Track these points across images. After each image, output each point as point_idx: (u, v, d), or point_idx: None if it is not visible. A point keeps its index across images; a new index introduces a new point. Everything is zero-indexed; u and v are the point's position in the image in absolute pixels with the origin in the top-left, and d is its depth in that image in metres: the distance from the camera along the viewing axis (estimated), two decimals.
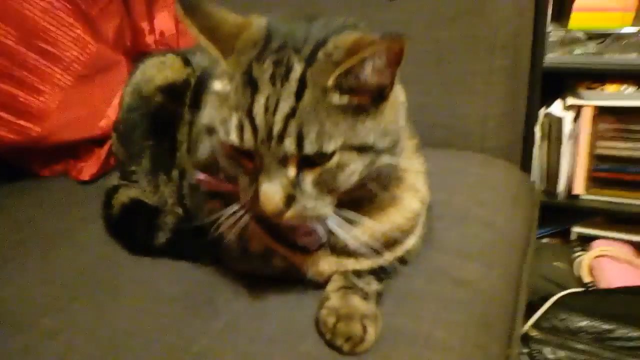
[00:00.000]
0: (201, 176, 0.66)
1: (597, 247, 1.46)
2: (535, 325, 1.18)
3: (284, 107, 0.49)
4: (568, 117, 1.39)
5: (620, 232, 1.51)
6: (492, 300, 0.68)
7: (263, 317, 0.62)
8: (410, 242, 0.66)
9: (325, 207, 0.53)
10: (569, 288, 1.36)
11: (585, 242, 1.54)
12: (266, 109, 0.49)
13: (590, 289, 1.36)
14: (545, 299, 1.25)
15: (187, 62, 0.87)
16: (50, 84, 1.05)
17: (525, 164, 1.39)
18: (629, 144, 1.39)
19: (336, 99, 0.49)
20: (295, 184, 0.51)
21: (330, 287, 0.61)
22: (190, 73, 0.85)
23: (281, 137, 0.48)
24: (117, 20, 1.19)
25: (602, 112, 1.37)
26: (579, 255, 1.49)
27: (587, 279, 1.42)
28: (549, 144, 1.45)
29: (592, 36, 1.32)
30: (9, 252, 0.82)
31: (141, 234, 0.80)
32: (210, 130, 0.54)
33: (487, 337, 0.63)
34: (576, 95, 1.38)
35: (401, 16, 1.09)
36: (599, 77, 1.38)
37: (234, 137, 0.50)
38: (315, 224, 0.56)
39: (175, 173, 0.82)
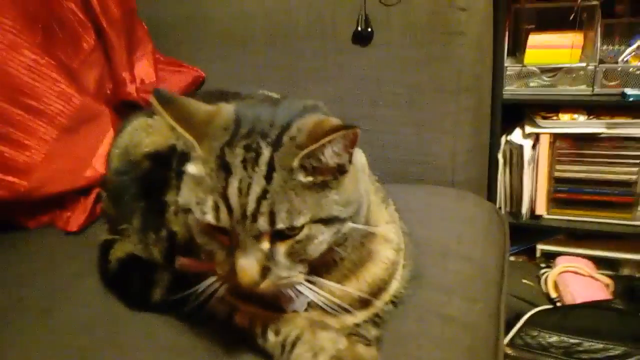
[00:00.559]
0: (182, 260, 0.71)
1: (561, 264, 1.57)
2: (510, 344, 1.26)
3: (256, 189, 0.53)
4: (527, 144, 1.50)
5: (580, 248, 1.62)
6: (477, 334, 0.75)
7: None
8: (394, 287, 0.72)
9: (297, 275, 0.58)
10: (538, 304, 1.45)
11: (550, 258, 1.64)
12: (239, 191, 0.53)
13: (557, 304, 1.46)
14: (517, 317, 1.33)
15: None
16: (35, 138, 1.07)
17: (491, 190, 1.49)
18: (584, 167, 1.50)
19: (302, 178, 0.55)
20: (269, 256, 0.56)
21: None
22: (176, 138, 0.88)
23: (254, 216, 0.53)
24: (98, 71, 1.22)
25: (558, 139, 1.48)
26: (545, 272, 1.59)
27: (553, 294, 1.52)
28: (511, 169, 1.56)
29: (545, 70, 1.44)
30: (8, 313, 0.83)
31: (137, 289, 0.82)
32: (187, 210, 0.59)
33: None
34: (534, 123, 1.49)
35: (374, 62, 1.17)
36: (553, 107, 1.49)
37: (210, 217, 0.55)
38: (289, 290, 0.60)
39: (164, 233, 0.85)
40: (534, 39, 1.44)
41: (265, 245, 0.55)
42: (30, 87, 1.06)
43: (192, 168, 0.58)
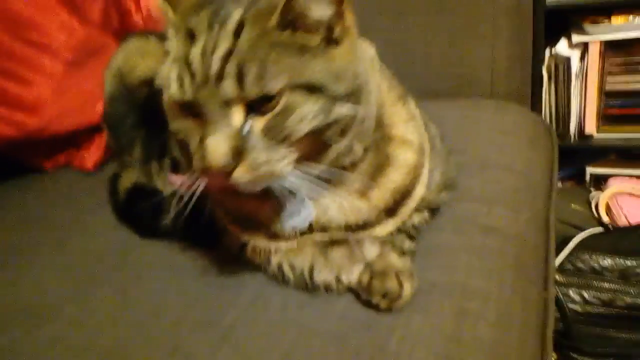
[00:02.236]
0: (173, 177, 0.61)
1: (613, 185, 1.44)
2: (558, 270, 1.16)
3: (222, 48, 0.46)
4: (575, 55, 1.35)
5: (634, 168, 1.48)
6: (524, 245, 0.67)
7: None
8: (419, 192, 0.62)
9: (280, 161, 0.48)
10: (587, 229, 1.35)
11: (600, 182, 1.52)
12: (203, 53, 0.46)
13: (610, 227, 1.34)
14: (564, 242, 1.23)
15: None
16: (40, 73, 1.01)
17: (535, 107, 1.36)
18: (638, 77, 1.35)
19: (278, 36, 0.46)
20: (243, 134, 0.47)
21: None
22: None
23: (219, 78, 0.45)
24: (101, 1, 1.14)
25: (609, 47, 1.32)
26: (595, 195, 1.47)
27: (605, 218, 1.40)
28: (557, 84, 1.42)
29: None
30: (21, 245, 0.80)
31: (147, 216, 0.77)
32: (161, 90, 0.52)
33: (524, 281, 0.61)
34: (582, 31, 1.34)
35: None
36: (604, 10, 1.33)
37: (174, 89, 0.48)
38: (273, 184, 0.50)
39: (167, 162, 0.79)
40: None
41: (237, 119, 0.47)
42: (30, 18, 0.99)
43: (167, 43, 0.51)
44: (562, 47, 1.37)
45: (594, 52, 1.34)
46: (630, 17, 1.29)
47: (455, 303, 0.55)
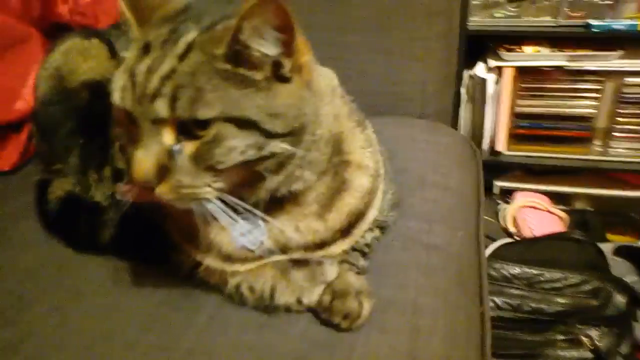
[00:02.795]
0: (122, 187, 0.60)
1: (519, 199, 1.58)
2: None
3: (164, 68, 0.47)
4: (491, 78, 1.46)
5: (537, 183, 1.63)
6: (462, 261, 0.71)
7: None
8: (371, 215, 0.65)
9: (203, 187, 0.49)
10: (496, 239, 1.46)
11: (507, 194, 1.65)
12: (149, 69, 0.47)
13: (517, 238, 1.47)
14: None
15: (112, 51, 0.79)
16: None
17: (454, 126, 1.46)
18: (544, 102, 1.49)
19: (222, 65, 0.47)
20: (171, 155, 0.48)
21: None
22: (117, 66, 0.77)
23: (154, 96, 0.46)
24: None
25: (520, 72, 1.45)
26: (504, 208, 1.60)
27: (512, 229, 1.53)
28: (473, 104, 1.53)
29: None
30: None
31: (84, 229, 0.73)
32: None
33: (465, 298, 0.66)
34: (497, 56, 1.45)
35: None
36: (517, 39, 1.45)
37: (116, 97, 0.49)
38: (197, 206, 0.51)
39: (108, 172, 0.74)
40: None
41: (168, 139, 0.48)
42: None
43: (125, 53, 0.51)
44: (479, 70, 1.48)
45: (508, 76, 1.45)
46: (539, 47, 1.42)
47: (409, 320, 0.58)
